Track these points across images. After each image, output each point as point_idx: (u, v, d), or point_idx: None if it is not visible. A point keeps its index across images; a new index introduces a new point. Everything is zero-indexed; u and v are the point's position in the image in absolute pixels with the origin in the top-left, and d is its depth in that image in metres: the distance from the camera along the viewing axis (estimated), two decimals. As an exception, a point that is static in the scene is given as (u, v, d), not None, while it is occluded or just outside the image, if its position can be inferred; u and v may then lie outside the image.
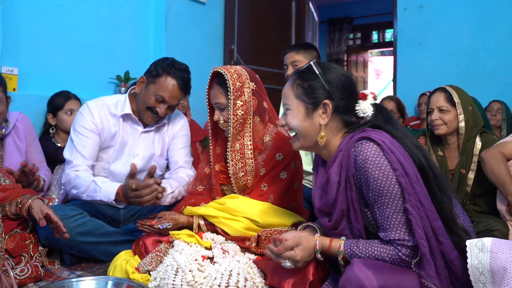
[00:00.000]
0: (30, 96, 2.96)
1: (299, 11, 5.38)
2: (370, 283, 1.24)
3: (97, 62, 3.45)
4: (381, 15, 7.92)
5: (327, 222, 1.50)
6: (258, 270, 1.64)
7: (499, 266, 1.17)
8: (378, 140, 1.36)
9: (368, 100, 1.46)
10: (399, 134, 1.44)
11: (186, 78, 2.20)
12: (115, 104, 2.27)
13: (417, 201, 1.31)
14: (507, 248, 1.19)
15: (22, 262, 1.86)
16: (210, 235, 1.83)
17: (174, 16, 3.95)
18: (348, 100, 1.46)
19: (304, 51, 2.65)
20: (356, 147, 1.39)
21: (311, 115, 1.47)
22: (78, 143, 2.16)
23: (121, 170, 2.26)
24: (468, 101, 2.26)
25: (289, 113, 1.51)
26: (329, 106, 1.44)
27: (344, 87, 1.46)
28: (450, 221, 1.37)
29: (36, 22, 3.05)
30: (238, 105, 1.87)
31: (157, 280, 1.65)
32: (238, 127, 1.90)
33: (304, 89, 1.48)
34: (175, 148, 2.38)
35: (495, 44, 4.20)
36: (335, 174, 1.44)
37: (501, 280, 1.16)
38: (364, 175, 1.36)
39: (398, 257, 1.33)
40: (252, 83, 1.92)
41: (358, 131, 1.44)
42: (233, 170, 1.93)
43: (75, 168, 2.13)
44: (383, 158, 1.34)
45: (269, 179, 1.89)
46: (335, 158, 1.46)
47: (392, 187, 1.32)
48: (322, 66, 1.49)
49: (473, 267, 1.23)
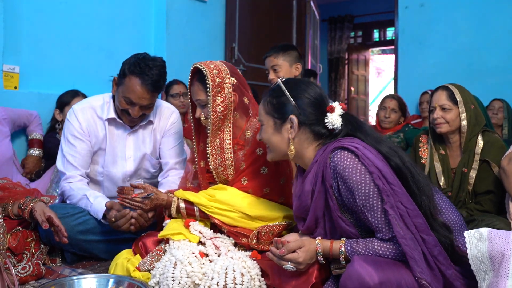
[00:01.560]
0: (31, 94, 2.97)
1: (300, 10, 5.37)
2: (371, 279, 1.25)
3: (98, 60, 3.45)
4: (382, 13, 7.92)
5: (301, 227, 1.60)
6: (252, 262, 1.63)
7: (496, 252, 1.21)
8: (351, 147, 1.42)
9: (336, 111, 1.51)
10: (370, 140, 1.49)
11: (155, 75, 2.02)
12: (101, 106, 2.21)
13: (396, 201, 1.35)
14: (503, 235, 1.23)
15: (24, 260, 1.86)
16: (198, 227, 1.81)
17: (175, 15, 3.95)
18: (316, 114, 1.53)
19: (283, 53, 2.64)
20: (332, 158, 1.44)
21: (279, 130, 1.56)
22: (67, 153, 2.14)
23: (116, 173, 2.25)
24: (470, 99, 2.26)
25: (262, 128, 1.62)
26: (295, 121, 1.52)
27: (311, 102, 1.53)
28: (429, 218, 1.41)
29: (37, 20, 3.05)
30: (218, 101, 1.83)
31: (157, 277, 1.65)
32: (218, 123, 1.86)
33: (273, 105, 1.57)
34: (166, 147, 2.31)
35: (497, 43, 4.19)
36: (309, 183, 1.51)
37: (500, 265, 1.19)
38: (346, 184, 1.40)
39: (399, 252, 1.35)
40: (233, 78, 1.88)
41: (331, 142, 1.50)
42: (213, 165, 1.91)
43: (68, 180, 2.13)
44: (359, 163, 1.39)
45: (248, 174, 1.87)
46: (310, 169, 1.52)
47: (373, 189, 1.37)
48: (289, 84, 1.57)
49: (473, 256, 1.26)
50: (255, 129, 1.90)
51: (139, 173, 2.31)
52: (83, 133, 2.16)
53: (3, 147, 2.59)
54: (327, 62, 8.67)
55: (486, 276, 1.23)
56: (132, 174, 2.28)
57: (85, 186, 2.14)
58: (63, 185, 2.13)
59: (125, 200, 1.88)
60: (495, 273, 1.20)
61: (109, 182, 2.26)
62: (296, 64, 2.65)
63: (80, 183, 2.12)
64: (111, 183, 2.26)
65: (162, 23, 3.88)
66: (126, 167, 2.25)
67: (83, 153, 2.16)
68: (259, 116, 1.63)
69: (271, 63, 2.65)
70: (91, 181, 2.25)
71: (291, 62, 2.63)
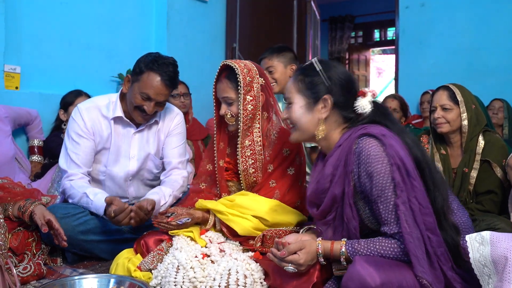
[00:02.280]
0: (32, 94, 2.97)
1: (301, 10, 5.37)
2: (373, 280, 1.24)
3: (99, 60, 3.45)
4: (382, 13, 7.91)
5: (315, 211, 1.56)
6: (256, 265, 1.63)
7: (500, 256, 1.19)
8: (378, 135, 1.40)
9: (367, 97, 1.50)
10: (396, 129, 1.47)
11: (171, 72, 2.10)
12: (107, 105, 2.22)
13: (412, 197, 1.34)
14: (506, 238, 1.22)
15: (25, 260, 1.86)
16: (209, 234, 1.81)
17: (176, 15, 3.95)
18: (347, 97, 1.52)
19: (278, 55, 2.65)
20: (358, 143, 1.42)
21: (311, 109, 1.52)
22: (71, 150, 2.15)
23: (118, 173, 2.25)
24: (471, 99, 2.26)
25: (290, 106, 1.57)
26: (329, 101, 1.50)
27: (343, 84, 1.52)
28: (441, 217, 1.40)
29: (38, 20, 3.05)
30: (248, 100, 1.85)
31: (158, 278, 1.65)
32: (248, 122, 1.87)
33: (306, 84, 1.53)
34: (170, 147, 2.32)
35: (497, 43, 4.19)
36: (331, 167, 1.48)
37: (503, 269, 1.17)
38: (367, 171, 1.39)
39: (400, 250, 1.34)
40: (261, 79, 1.91)
41: (357, 127, 1.48)
42: (243, 166, 1.90)
43: (70, 177, 2.13)
44: (383, 153, 1.38)
45: (277, 175, 1.88)
46: (332, 153, 1.50)
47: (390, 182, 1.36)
48: (323, 64, 1.54)
49: (475, 260, 1.24)
50: (277, 129, 1.92)
51: (142, 173, 2.31)
52: (87, 131, 2.17)
53: (5, 146, 2.59)
54: (327, 62, 8.65)
55: (490, 281, 1.21)
56: (134, 174, 2.28)
57: (86, 184, 2.14)
58: (64, 183, 2.13)
59: (161, 224, 1.84)
60: (499, 277, 1.18)
61: (111, 182, 2.26)
62: (291, 65, 2.65)
63: (81, 181, 2.13)
64: (113, 183, 2.26)
65: (163, 23, 3.89)
66: (129, 166, 2.25)
67: (86, 151, 2.17)
68: (287, 94, 1.58)
69: (265, 65, 2.66)
70: (92, 180, 2.25)
71: (285, 63, 2.64)
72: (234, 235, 1.81)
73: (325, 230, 1.51)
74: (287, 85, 1.61)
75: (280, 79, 2.63)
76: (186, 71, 2.94)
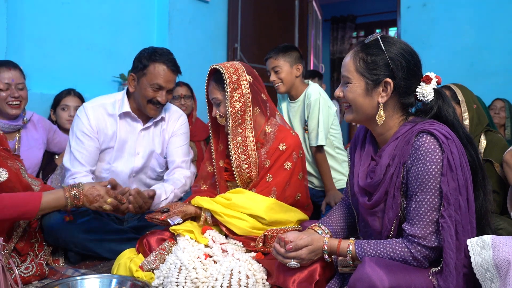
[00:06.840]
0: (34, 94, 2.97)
1: (302, 10, 5.37)
2: (382, 283, 1.21)
3: (100, 60, 3.46)
4: (384, 13, 7.91)
5: (366, 201, 1.46)
6: (259, 266, 1.63)
7: (502, 259, 1.18)
8: (441, 138, 1.31)
9: (432, 84, 1.40)
10: (461, 131, 1.39)
11: (172, 59, 2.21)
12: (113, 103, 2.26)
13: (457, 209, 1.27)
14: (508, 242, 1.20)
15: (27, 260, 1.86)
16: (212, 233, 1.82)
17: (178, 15, 3.96)
18: (410, 81, 1.40)
19: (283, 55, 2.64)
20: (419, 138, 1.33)
21: (370, 92, 1.41)
22: (75, 149, 2.17)
23: (123, 170, 2.26)
24: (472, 99, 2.26)
25: (348, 86, 1.44)
26: (390, 86, 1.39)
27: (408, 67, 1.40)
28: (483, 222, 1.36)
29: (40, 21, 3.06)
30: (236, 98, 1.87)
31: (160, 279, 1.66)
32: (237, 119, 1.89)
33: (367, 64, 1.41)
34: (173, 146, 2.36)
35: (499, 43, 4.18)
36: (388, 157, 1.40)
37: (506, 273, 1.16)
38: (418, 167, 1.32)
39: (410, 255, 1.31)
40: (249, 76, 1.92)
41: (422, 121, 1.39)
42: (236, 163, 1.92)
43: (73, 176, 2.14)
44: (440, 158, 1.29)
45: (274, 171, 1.89)
46: (389, 143, 1.42)
47: (437, 189, 1.30)
48: (387, 42, 1.41)
49: (477, 265, 1.23)
50: (275, 127, 1.94)
51: (146, 171, 2.33)
52: (91, 130, 2.19)
53: (36, 158, 2.55)
54: (329, 62, 8.67)
55: (492, 285, 1.20)
56: (139, 170, 2.30)
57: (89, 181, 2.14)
58: (68, 182, 2.13)
59: (153, 220, 1.87)
60: (502, 281, 1.17)
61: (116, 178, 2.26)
62: (297, 65, 2.65)
63: (84, 179, 2.13)
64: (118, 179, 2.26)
65: (164, 23, 3.89)
66: (134, 163, 2.27)
67: (90, 149, 2.18)
68: (345, 72, 1.45)
69: (271, 65, 2.66)
70: (96, 179, 2.25)
71: (291, 63, 2.63)
72: (234, 233, 1.81)
73: (372, 220, 1.46)
74: (344, 61, 1.46)
75: (286, 79, 2.63)
76: (187, 71, 2.95)
